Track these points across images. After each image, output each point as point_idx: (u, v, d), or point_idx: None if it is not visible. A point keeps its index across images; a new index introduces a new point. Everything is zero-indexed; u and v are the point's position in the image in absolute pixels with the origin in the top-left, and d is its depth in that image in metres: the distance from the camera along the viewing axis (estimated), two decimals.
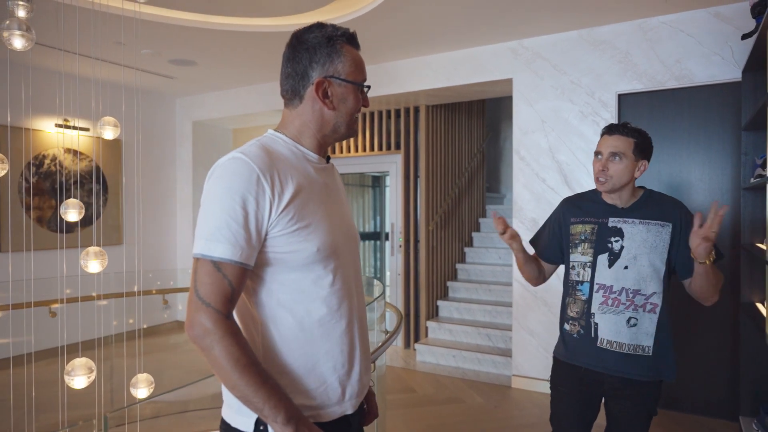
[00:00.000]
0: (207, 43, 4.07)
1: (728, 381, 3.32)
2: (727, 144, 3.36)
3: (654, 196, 1.77)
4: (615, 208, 1.76)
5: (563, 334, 1.85)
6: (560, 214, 1.89)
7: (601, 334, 1.72)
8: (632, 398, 1.72)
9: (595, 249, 1.74)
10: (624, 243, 1.70)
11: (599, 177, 1.73)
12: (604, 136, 1.76)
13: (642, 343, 1.68)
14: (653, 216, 1.70)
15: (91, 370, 1.90)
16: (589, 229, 1.77)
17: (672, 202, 1.75)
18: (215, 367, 1.00)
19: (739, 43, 3.24)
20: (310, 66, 1.12)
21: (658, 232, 1.69)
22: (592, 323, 1.73)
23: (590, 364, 1.74)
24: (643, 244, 1.68)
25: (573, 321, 1.79)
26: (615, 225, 1.73)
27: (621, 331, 1.69)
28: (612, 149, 1.71)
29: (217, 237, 1.00)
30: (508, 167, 7.22)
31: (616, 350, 1.69)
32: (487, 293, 5.11)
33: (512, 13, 3.47)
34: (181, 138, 6.01)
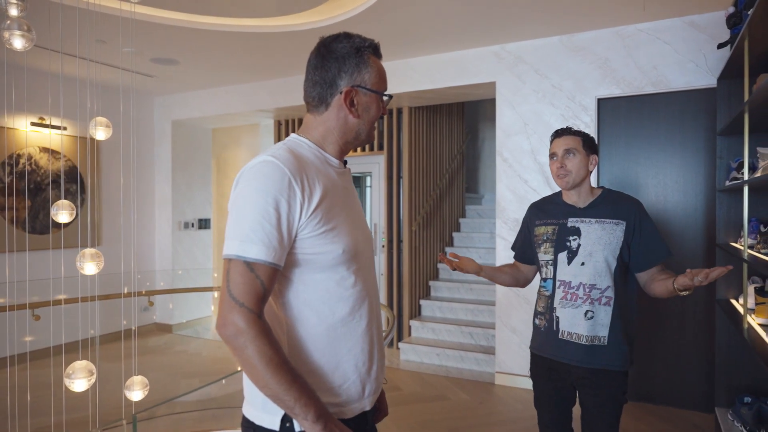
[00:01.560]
0: (191, 42, 4.03)
1: (704, 374, 3.47)
2: (700, 148, 3.51)
3: (611, 195, 1.92)
4: (574, 208, 1.90)
5: (534, 328, 2.01)
6: (528, 218, 2.06)
7: (561, 327, 1.86)
8: (597, 386, 1.83)
9: (556, 248, 1.89)
10: (581, 241, 1.84)
11: (559, 174, 1.89)
12: (554, 140, 1.94)
13: (598, 333, 1.81)
14: (608, 215, 1.84)
15: (92, 373, 1.88)
16: (550, 229, 1.92)
17: (628, 201, 1.88)
18: (247, 366, 1.02)
19: (712, 51, 3.39)
20: (338, 75, 1.16)
21: (612, 229, 1.82)
22: (554, 317, 1.88)
23: (556, 355, 1.88)
24: (598, 242, 1.82)
25: (540, 315, 1.95)
26: (573, 225, 1.88)
27: (579, 323, 1.82)
28: (565, 146, 1.88)
29: (251, 238, 1.02)
30: (487, 168, 7.34)
31: (575, 341, 1.83)
32: (469, 292, 5.20)
33: (495, 18, 3.55)
34: (160, 137, 5.92)
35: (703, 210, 3.49)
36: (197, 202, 6.18)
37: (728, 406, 2.72)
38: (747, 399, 2.53)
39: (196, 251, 6.17)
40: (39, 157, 4.77)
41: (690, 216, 3.53)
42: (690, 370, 3.51)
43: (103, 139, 2.36)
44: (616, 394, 1.82)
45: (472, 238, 5.88)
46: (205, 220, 6.27)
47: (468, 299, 5.15)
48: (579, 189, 1.89)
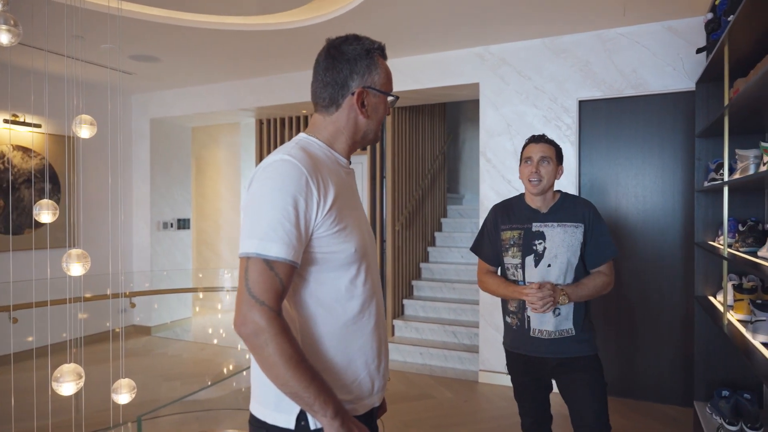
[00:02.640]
0: (173, 39, 3.97)
1: (682, 369, 3.57)
2: (678, 149, 3.61)
3: (568, 199, 2.04)
4: (538, 213, 2.00)
5: (506, 326, 2.10)
6: (492, 221, 2.11)
7: (533, 325, 1.97)
8: (574, 374, 1.95)
9: (523, 252, 1.98)
10: (546, 244, 1.95)
11: (531, 179, 1.96)
12: (531, 144, 2.02)
13: (564, 327, 1.94)
14: (568, 218, 1.97)
15: (80, 377, 1.84)
16: (516, 234, 2.01)
17: (583, 204, 2.02)
18: (267, 364, 1.02)
19: (689, 55, 3.50)
20: (350, 76, 1.17)
21: (573, 232, 1.95)
22: (526, 316, 1.98)
23: (529, 351, 1.99)
24: (562, 244, 1.94)
25: (512, 315, 2.04)
26: (538, 229, 1.98)
27: (548, 321, 1.94)
28: (541, 153, 1.97)
29: (271, 237, 1.02)
30: (467, 169, 7.41)
31: (545, 337, 1.94)
32: (451, 291, 5.24)
33: (479, 19, 3.58)
34: (138, 136, 5.80)
35: (681, 210, 3.60)
36: (176, 201, 6.08)
37: (706, 399, 2.81)
38: (725, 392, 2.62)
39: (176, 252, 6.07)
40: (12, 155, 4.64)
41: (668, 216, 3.63)
42: (669, 366, 3.61)
43: (88, 137, 2.30)
44: (594, 375, 1.95)
45: (454, 237, 5.93)
46: (184, 221, 6.17)
47: (451, 298, 5.19)
48: (545, 195, 2.00)
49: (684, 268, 3.55)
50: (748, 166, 2.18)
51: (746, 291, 2.26)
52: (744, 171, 2.20)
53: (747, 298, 2.20)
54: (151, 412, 2.55)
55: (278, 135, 5.66)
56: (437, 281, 5.37)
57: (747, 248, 2.20)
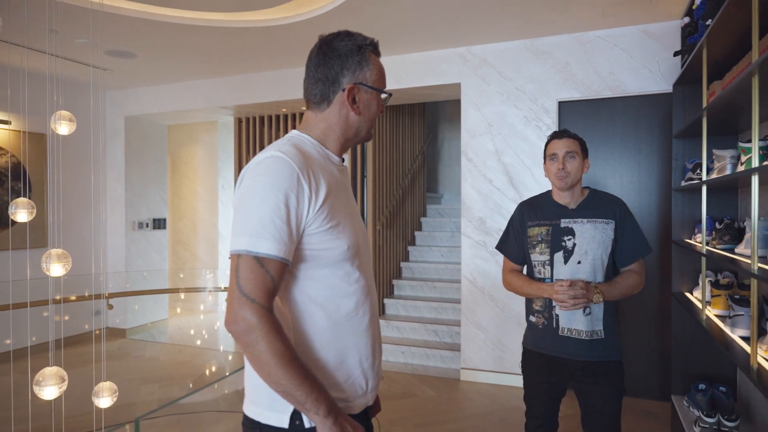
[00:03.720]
0: (150, 34, 3.89)
1: (659, 364, 3.67)
2: (654, 150, 3.71)
3: (598, 195, 2.00)
4: (566, 209, 1.96)
5: (530, 326, 2.04)
6: (518, 218, 2.07)
7: (561, 324, 1.91)
8: (596, 377, 1.91)
9: (551, 248, 1.93)
10: (576, 241, 1.90)
11: (559, 175, 1.92)
12: (554, 140, 1.98)
13: (596, 328, 1.89)
14: (598, 215, 1.92)
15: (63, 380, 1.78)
16: (544, 230, 1.96)
17: (613, 201, 1.97)
18: (258, 362, 1.01)
19: (664, 58, 3.59)
20: (341, 72, 1.17)
21: (603, 229, 1.90)
22: (554, 315, 1.93)
23: (555, 351, 1.93)
24: (592, 241, 1.89)
25: (538, 314, 1.98)
26: (567, 225, 1.93)
27: (578, 320, 1.88)
28: (567, 149, 1.94)
29: (262, 233, 1.02)
30: (446, 168, 7.46)
31: (575, 337, 1.89)
32: (432, 290, 5.26)
33: (461, 20, 3.61)
34: (113, 133, 5.67)
35: (657, 208, 3.69)
36: (152, 201, 5.96)
37: (683, 393, 2.89)
38: (701, 386, 2.69)
39: (151, 252, 5.94)
40: None
41: (645, 214, 3.72)
42: (646, 362, 3.70)
43: (67, 133, 2.24)
44: (616, 383, 1.91)
45: (434, 237, 5.96)
46: (160, 220, 6.05)
47: (432, 297, 5.21)
48: (573, 190, 1.95)
49: (660, 266, 3.65)
50: (725, 165, 2.25)
51: (723, 287, 2.33)
52: (721, 171, 2.27)
53: (724, 294, 2.27)
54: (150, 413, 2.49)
55: (258, 134, 5.60)
56: (418, 280, 5.39)
57: (724, 245, 2.27)
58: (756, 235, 1.59)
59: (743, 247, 2.02)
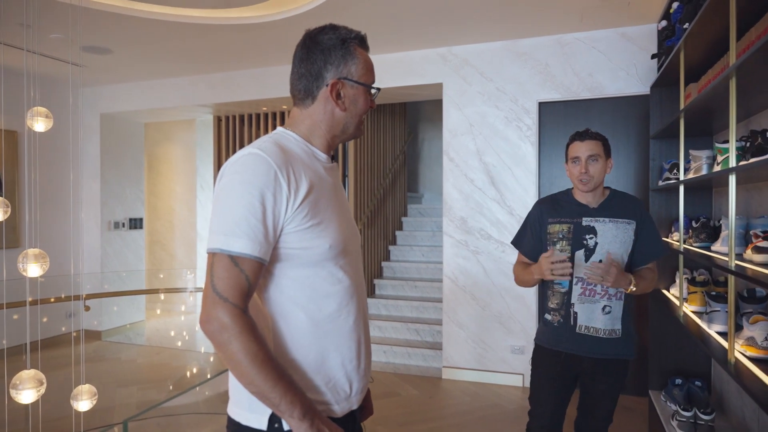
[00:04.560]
0: (127, 30, 3.81)
1: (636, 360, 3.73)
2: (631, 150, 3.79)
3: (618, 195, 2.01)
4: (587, 208, 1.96)
5: (545, 323, 2.04)
6: (537, 215, 2.06)
7: (579, 321, 1.92)
8: (607, 376, 1.95)
9: (573, 246, 1.93)
10: (597, 240, 1.91)
11: (582, 179, 1.92)
12: (576, 142, 1.97)
13: (614, 327, 1.91)
14: (620, 214, 1.93)
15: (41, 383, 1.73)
16: (565, 228, 1.96)
17: (633, 201, 1.99)
18: (231, 362, 1.00)
19: (641, 61, 3.67)
20: (324, 67, 1.14)
21: (625, 229, 1.92)
22: (572, 312, 1.93)
23: (570, 348, 1.95)
24: (614, 240, 1.90)
25: (554, 311, 1.98)
26: (588, 224, 1.93)
27: (597, 318, 1.90)
28: (589, 152, 1.92)
29: (235, 232, 1.00)
30: (426, 168, 7.49)
31: (593, 335, 1.91)
32: (413, 290, 5.28)
33: (442, 20, 3.63)
34: (88, 131, 5.54)
35: None
36: (128, 200, 5.84)
37: (660, 388, 2.95)
38: (678, 380, 2.76)
39: (127, 252, 5.83)
40: None
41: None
42: None
43: (43, 130, 2.18)
44: (621, 381, 1.96)
45: (415, 236, 5.98)
46: (136, 220, 5.94)
47: (413, 296, 5.23)
48: (595, 191, 1.95)
49: None
50: (701, 166, 2.31)
51: (699, 284, 2.39)
52: (697, 171, 2.33)
53: (700, 291, 2.33)
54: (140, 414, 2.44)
55: (237, 132, 5.54)
56: (399, 280, 5.40)
57: (700, 243, 2.33)
58: (733, 233, 1.63)
59: (719, 244, 2.08)
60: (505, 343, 4.03)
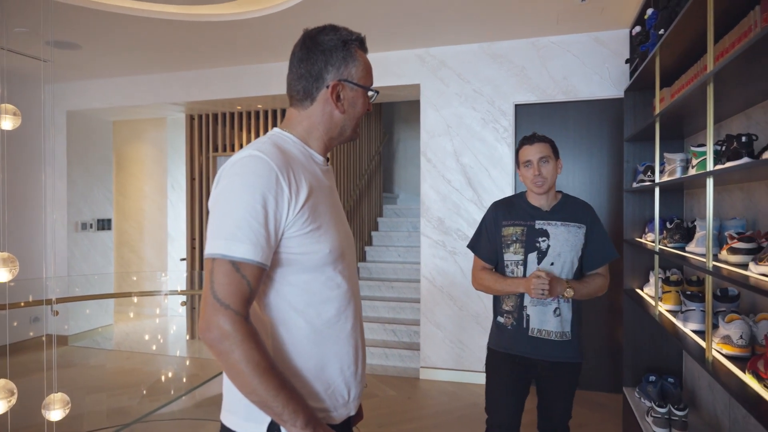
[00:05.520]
0: (96, 25, 3.69)
1: (610, 358, 3.82)
2: (605, 152, 3.87)
3: (569, 200, 2.05)
4: (540, 211, 2.00)
5: (498, 326, 2.05)
6: (493, 217, 2.08)
7: (532, 325, 1.95)
8: (561, 379, 1.98)
9: (526, 248, 1.96)
10: (550, 242, 1.94)
11: (536, 181, 1.95)
12: (526, 146, 1.99)
13: (565, 330, 1.94)
14: (571, 218, 1.97)
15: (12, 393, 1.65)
16: (519, 230, 1.99)
17: (584, 206, 2.04)
18: (232, 371, 0.97)
19: (614, 65, 3.75)
20: (325, 68, 1.12)
21: (575, 232, 1.96)
22: (525, 315, 1.96)
23: (524, 351, 1.96)
24: (566, 243, 1.94)
25: (507, 314, 2.00)
26: (541, 227, 1.97)
27: (549, 320, 1.93)
28: (540, 154, 1.96)
29: (238, 236, 0.97)
30: (402, 169, 7.50)
31: (545, 338, 1.94)
32: (390, 290, 5.28)
33: (420, 22, 3.64)
34: (53, 129, 5.34)
35: (608, 209, 3.85)
36: (96, 200, 5.66)
37: (634, 385, 3.02)
38: (651, 377, 2.83)
39: (95, 254, 5.65)
40: None
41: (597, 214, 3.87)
42: (597, 356, 3.86)
43: (11, 128, 2.09)
44: (573, 381, 2.00)
45: (391, 237, 5.98)
46: (104, 221, 5.76)
47: (390, 297, 5.22)
48: (548, 193, 1.99)
49: (611, 264, 3.80)
50: (675, 168, 2.37)
51: (673, 283, 2.45)
52: (671, 173, 2.39)
53: (675, 290, 2.40)
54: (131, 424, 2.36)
55: (211, 131, 5.44)
56: (375, 280, 5.39)
57: (675, 244, 2.39)
58: (711, 234, 1.68)
59: (694, 245, 2.14)
60: (483, 343, 4.06)
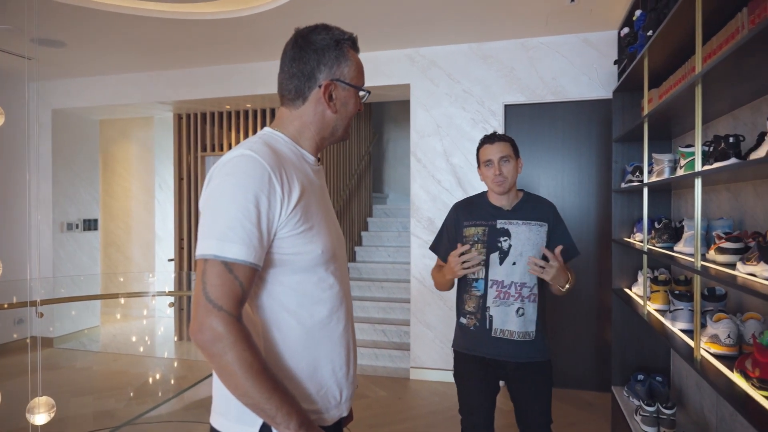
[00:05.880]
0: (83, 22, 3.64)
1: (598, 357, 3.85)
2: (593, 153, 3.89)
3: (531, 198, 2.04)
4: (501, 210, 1.98)
5: (461, 328, 2.02)
6: (454, 218, 2.06)
7: (495, 325, 1.92)
8: (528, 378, 1.95)
9: (488, 248, 1.94)
10: (511, 242, 1.92)
11: (497, 181, 1.94)
12: (486, 145, 1.98)
13: (528, 329, 1.92)
14: (533, 217, 1.96)
15: None
16: (480, 231, 1.96)
17: (546, 204, 2.03)
18: (225, 373, 0.96)
19: (602, 66, 3.78)
20: (317, 68, 1.11)
21: (537, 231, 1.95)
22: (487, 316, 1.93)
23: (488, 353, 1.94)
24: (527, 242, 1.92)
25: (470, 315, 1.97)
26: (503, 226, 1.95)
27: (511, 320, 1.91)
28: (501, 154, 1.95)
29: (230, 237, 0.96)
30: (391, 169, 7.50)
31: (508, 338, 1.91)
32: (380, 290, 5.27)
33: (409, 22, 3.64)
34: (38, 128, 5.26)
35: (596, 209, 3.88)
36: (82, 200, 5.59)
37: (623, 384, 3.04)
38: (640, 376, 2.85)
39: (82, 255, 5.58)
40: None
41: (584, 214, 3.90)
42: (585, 355, 3.88)
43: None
44: (546, 381, 1.96)
45: (381, 237, 5.97)
46: (91, 221, 5.69)
47: (379, 297, 5.22)
48: (509, 193, 1.99)
49: (599, 263, 3.84)
50: (663, 169, 2.39)
51: (661, 283, 2.47)
52: (660, 174, 2.41)
53: (663, 290, 2.42)
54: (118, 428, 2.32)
55: (199, 131, 5.39)
56: (365, 280, 5.38)
57: (663, 244, 2.41)
58: (699, 234, 1.69)
59: (682, 245, 2.16)
60: None
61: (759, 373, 1.37)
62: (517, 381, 1.96)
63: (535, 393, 1.95)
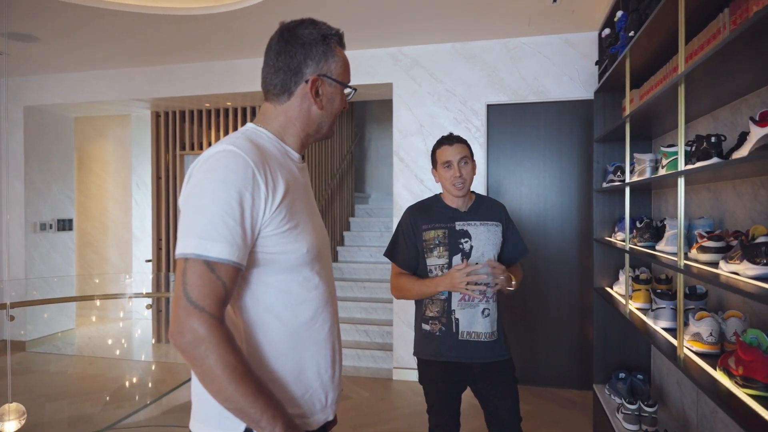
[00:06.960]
0: (57, 17, 3.53)
1: (579, 355, 3.88)
2: (575, 153, 3.92)
3: (484, 200, 2.06)
4: (458, 212, 1.97)
5: (424, 335, 1.98)
6: (410, 222, 2.00)
7: (461, 328, 1.91)
8: (496, 377, 1.95)
9: (450, 250, 1.92)
10: (472, 243, 1.93)
11: (456, 183, 1.92)
12: (445, 146, 1.96)
13: (493, 329, 1.94)
14: (489, 217, 1.99)
15: None
16: (441, 233, 1.93)
17: (498, 205, 2.07)
18: (207, 377, 0.92)
19: (583, 67, 3.81)
20: (304, 62, 1.09)
21: (494, 231, 1.97)
22: (453, 319, 1.92)
23: (454, 357, 1.92)
24: (487, 242, 1.94)
25: (433, 321, 1.95)
26: (462, 228, 1.94)
27: (478, 322, 1.91)
28: (460, 155, 1.94)
29: (213, 235, 0.92)
30: (373, 168, 7.47)
31: (475, 339, 1.91)
32: (362, 291, 5.24)
33: (392, 20, 3.62)
34: (9, 125, 5.11)
35: (577, 208, 3.91)
36: (56, 200, 5.44)
37: (604, 382, 3.07)
38: (621, 374, 2.87)
39: (56, 256, 5.43)
40: None
41: (566, 214, 3.93)
42: (567, 353, 3.91)
43: None
44: (512, 379, 1.97)
45: (363, 237, 5.94)
46: (65, 221, 5.55)
47: (362, 297, 5.19)
48: (466, 195, 1.99)
49: (580, 262, 3.87)
50: (645, 168, 2.41)
51: (643, 282, 2.49)
52: (641, 174, 2.43)
53: (645, 288, 2.44)
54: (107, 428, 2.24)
55: (177, 129, 5.30)
56: (347, 280, 5.34)
57: (644, 243, 2.43)
58: (682, 233, 1.70)
59: (663, 244, 2.18)
60: None
61: (743, 371, 1.38)
62: (483, 381, 1.96)
63: (503, 392, 1.95)
